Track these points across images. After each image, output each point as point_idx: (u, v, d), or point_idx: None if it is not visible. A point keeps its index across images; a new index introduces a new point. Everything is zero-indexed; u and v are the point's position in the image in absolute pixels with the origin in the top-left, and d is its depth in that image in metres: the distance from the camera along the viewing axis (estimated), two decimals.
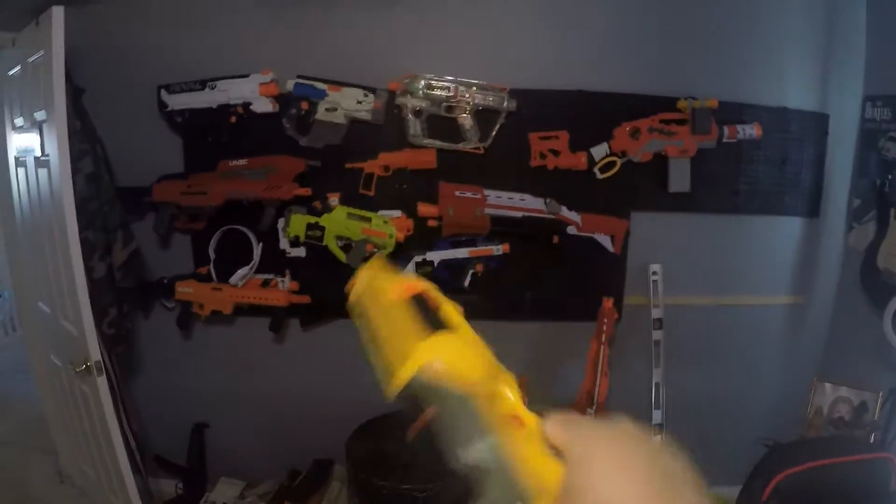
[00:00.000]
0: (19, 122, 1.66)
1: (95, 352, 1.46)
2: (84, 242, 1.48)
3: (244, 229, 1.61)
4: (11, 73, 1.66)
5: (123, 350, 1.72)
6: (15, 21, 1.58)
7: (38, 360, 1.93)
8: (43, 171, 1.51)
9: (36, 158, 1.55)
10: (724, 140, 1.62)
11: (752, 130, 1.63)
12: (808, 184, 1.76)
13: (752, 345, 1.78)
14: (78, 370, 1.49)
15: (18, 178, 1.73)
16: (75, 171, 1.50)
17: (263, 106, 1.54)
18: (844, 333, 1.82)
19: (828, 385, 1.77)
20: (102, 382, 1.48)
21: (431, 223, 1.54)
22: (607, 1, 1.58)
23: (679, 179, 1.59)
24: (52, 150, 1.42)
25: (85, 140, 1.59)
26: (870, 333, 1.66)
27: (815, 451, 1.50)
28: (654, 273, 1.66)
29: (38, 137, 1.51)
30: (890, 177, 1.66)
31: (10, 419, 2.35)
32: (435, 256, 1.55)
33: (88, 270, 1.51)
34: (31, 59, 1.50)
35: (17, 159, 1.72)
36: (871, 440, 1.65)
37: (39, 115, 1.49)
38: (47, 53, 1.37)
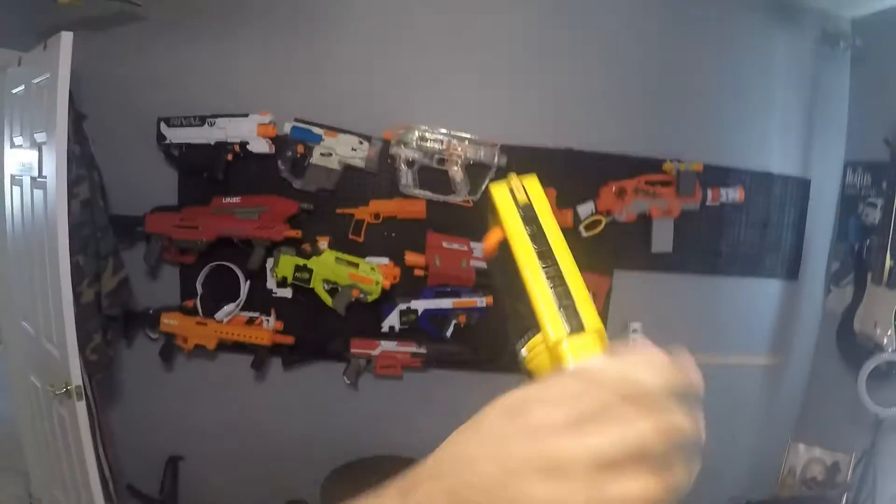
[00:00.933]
0: (18, 140, 1.68)
1: (77, 376, 1.46)
2: (75, 267, 1.49)
3: (233, 266, 1.63)
4: (15, 91, 1.68)
5: (104, 377, 1.71)
6: (21, 39, 1.60)
7: (16, 379, 1.92)
8: (39, 192, 1.53)
9: (33, 179, 1.56)
10: (708, 203, 1.66)
11: (734, 194, 1.68)
12: (788, 246, 1.81)
13: (729, 404, 1.81)
14: (57, 393, 1.48)
15: (13, 196, 1.74)
16: (71, 196, 1.51)
17: (260, 146, 1.57)
18: (820, 395, 1.85)
19: (801, 445, 1.79)
20: (81, 407, 1.48)
21: (418, 272, 1.56)
22: (599, 63, 1.64)
23: (662, 240, 1.63)
24: (49, 172, 1.43)
25: (83, 166, 1.61)
26: (845, 395, 1.69)
27: None
28: (635, 330, 1.69)
29: (36, 158, 1.53)
30: (868, 241, 1.71)
31: None
32: (420, 305, 1.57)
33: (76, 295, 1.52)
34: (35, 81, 1.52)
35: (13, 177, 1.73)
36: (843, 502, 1.67)
37: (40, 137, 1.51)
38: (53, 77, 1.40)
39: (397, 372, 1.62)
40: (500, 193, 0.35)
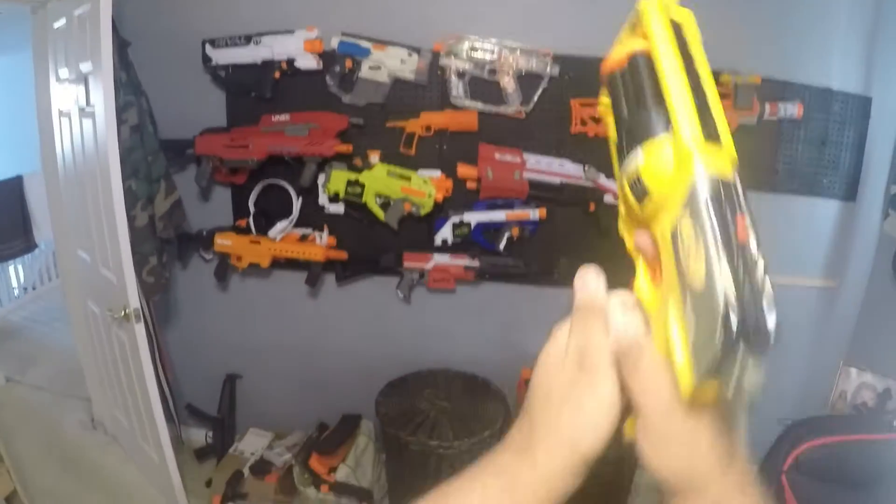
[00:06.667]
0: (63, 73, 1.69)
1: (134, 299, 1.51)
2: (127, 192, 1.51)
3: (284, 184, 1.64)
4: (56, 25, 1.69)
5: (160, 299, 1.76)
6: None
7: (75, 307, 1.99)
8: (88, 122, 1.55)
9: (81, 109, 1.58)
10: (765, 118, 1.60)
11: (793, 109, 1.61)
12: (846, 167, 1.74)
13: (781, 326, 1.79)
14: (116, 317, 1.54)
15: (62, 129, 1.77)
16: (120, 122, 1.53)
17: (307, 62, 1.55)
18: (874, 320, 1.81)
19: (853, 370, 1.77)
20: (140, 329, 1.53)
21: (470, 185, 1.55)
22: None
23: None
24: (97, 101, 1.45)
25: (130, 92, 1.62)
26: None
27: (838, 427, 1.52)
28: None
29: (83, 89, 1.54)
30: None
31: (45, 365, 2.43)
32: (472, 218, 1.57)
33: (130, 219, 1.55)
34: (77, 12, 1.52)
35: (60, 112, 1.76)
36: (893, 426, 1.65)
37: (85, 67, 1.52)
38: (94, 6, 1.39)
39: (450, 285, 1.63)
40: (652, 4, 0.30)
